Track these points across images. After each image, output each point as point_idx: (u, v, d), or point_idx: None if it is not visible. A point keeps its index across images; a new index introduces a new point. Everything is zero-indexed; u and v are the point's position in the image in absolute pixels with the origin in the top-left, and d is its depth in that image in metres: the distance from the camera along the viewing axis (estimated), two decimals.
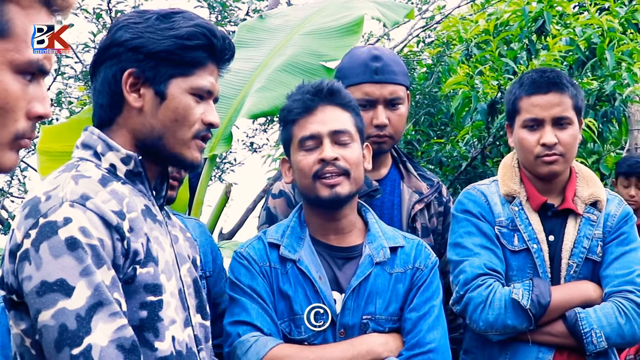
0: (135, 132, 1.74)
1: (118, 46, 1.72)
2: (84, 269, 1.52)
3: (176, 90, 1.73)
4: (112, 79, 1.72)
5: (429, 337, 2.22)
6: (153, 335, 1.64)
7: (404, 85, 2.67)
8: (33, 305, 1.52)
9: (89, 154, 1.72)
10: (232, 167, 8.06)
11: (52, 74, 6.25)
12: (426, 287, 2.28)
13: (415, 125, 5.58)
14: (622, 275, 2.49)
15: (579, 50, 4.48)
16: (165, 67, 1.72)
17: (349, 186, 2.21)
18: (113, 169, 1.72)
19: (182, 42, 1.71)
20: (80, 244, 1.53)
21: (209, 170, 3.79)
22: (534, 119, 2.52)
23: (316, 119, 2.23)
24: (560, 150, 2.51)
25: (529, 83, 2.56)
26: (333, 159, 2.19)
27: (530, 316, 2.41)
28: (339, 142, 2.22)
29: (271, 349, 2.14)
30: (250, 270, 2.25)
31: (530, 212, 2.56)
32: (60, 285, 1.50)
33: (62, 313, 1.49)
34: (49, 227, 1.53)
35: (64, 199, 1.56)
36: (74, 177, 1.62)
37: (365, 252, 2.26)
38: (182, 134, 1.74)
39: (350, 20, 3.73)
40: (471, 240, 2.53)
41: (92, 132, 1.75)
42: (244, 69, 3.79)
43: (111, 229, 1.59)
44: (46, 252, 1.52)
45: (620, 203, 2.64)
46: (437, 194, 2.77)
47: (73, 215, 1.54)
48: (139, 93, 1.72)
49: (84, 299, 1.50)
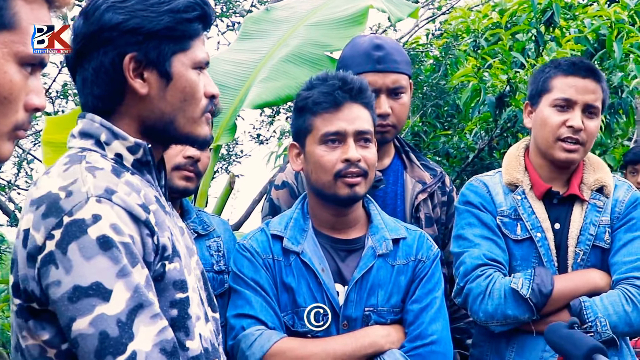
0: (142, 119, 1.63)
1: (110, 30, 1.58)
2: (121, 270, 1.42)
3: (180, 68, 1.62)
4: (109, 67, 1.58)
5: (431, 329, 2.23)
6: (184, 335, 1.55)
7: (407, 74, 2.66)
8: (65, 312, 1.40)
9: (91, 143, 1.60)
10: (239, 158, 8.06)
11: (58, 66, 6.25)
12: (428, 279, 2.28)
13: (422, 117, 5.57)
14: (630, 262, 2.45)
15: (587, 42, 4.45)
16: (166, 46, 1.60)
17: (365, 186, 2.23)
18: (119, 158, 1.60)
19: (180, 16, 1.60)
20: (114, 242, 1.42)
21: (213, 162, 3.78)
22: (567, 99, 2.48)
23: (343, 115, 2.21)
24: (584, 138, 2.48)
25: (567, 64, 2.53)
26: (357, 160, 2.19)
27: (531, 306, 2.38)
28: (362, 142, 2.22)
29: (275, 343, 2.15)
30: (253, 263, 2.24)
31: (534, 201, 2.53)
32: (97, 289, 1.40)
33: (101, 319, 1.39)
34: (76, 226, 1.42)
35: (89, 194, 1.45)
36: (89, 169, 1.51)
37: (368, 244, 2.26)
38: (191, 112, 1.64)
39: (356, 11, 3.73)
40: (472, 232, 2.52)
41: (93, 120, 1.61)
42: (248, 60, 3.79)
43: (140, 224, 1.49)
44: (76, 254, 1.40)
45: (629, 188, 2.60)
46: (440, 183, 2.76)
47: (102, 211, 1.44)
48: (142, 78, 1.60)
49: (123, 302, 1.40)
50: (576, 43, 4.41)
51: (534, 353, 2.45)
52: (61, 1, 1.38)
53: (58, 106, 6.83)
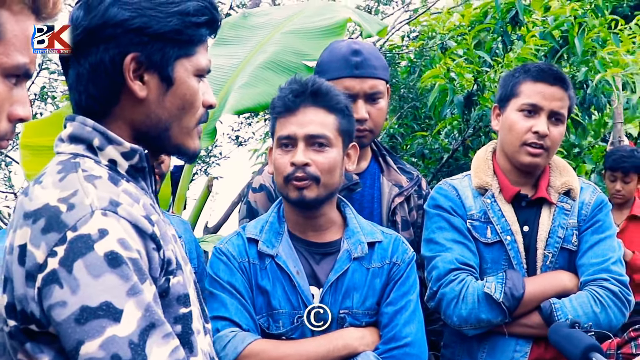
0: (136, 123, 1.53)
1: (114, 27, 1.47)
2: (131, 288, 1.33)
3: (183, 74, 1.53)
4: (109, 65, 1.48)
5: (405, 331, 2.23)
6: (189, 351, 1.47)
7: (384, 80, 2.67)
8: (72, 335, 1.31)
9: (82, 149, 1.50)
10: (218, 160, 8.06)
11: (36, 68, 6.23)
12: (403, 281, 2.29)
13: (399, 119, 5.60)
14: (597, 264, 2.50)
15: (552, 39, 4.50)
16: (171, 49, 1.51)
17: (316, 191, 2.20)
18: (113, 165, 1.50)
19: (189, 20, 1.51)
20: (122, 258, 1.33)
21: (191, 165, 3.81)
22: (534, 105, 2.52)
23: (296, 119, 2.21)
24: (548, 144, 2.51)
25: (536, 70, 2.56)
26: (303, 164, 2.19)
27: (504, 309, 2.42)
28: (315, 146, 2.21)
29: (249, 344, 2.16)
30: (229, 266, 2.26)
31: (504, 204, 2.56)
32: (107, 310, 1.30)
33: (112, 342, 1.29)
34: (81, 241, 1.32)
35: (93, 206, 1.36)
36: (88, 179, 1.41)
37: (344, 248, 2.27)
38: (187, 122, 1.56)
39: (334, 22, 3.79)
40: (443, 236, 2.54)
41: (85, 123, 1.51)
42: (226, 65, 3.82)
43: (146, 238, 1.41)
44: (82, 272, 1.31)
45: (594, 191, 2.64)
46: (416, 187, 2.78)
47: (108, 225, 1.35)
48: (142, 80, 1.50)
49: (134, 323, 1.32)
50: (542, 39, 4.47)
51: (505, 354, 2.49)
52: (49, 12, 1.36)
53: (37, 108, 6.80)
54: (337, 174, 2.25)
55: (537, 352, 2.49)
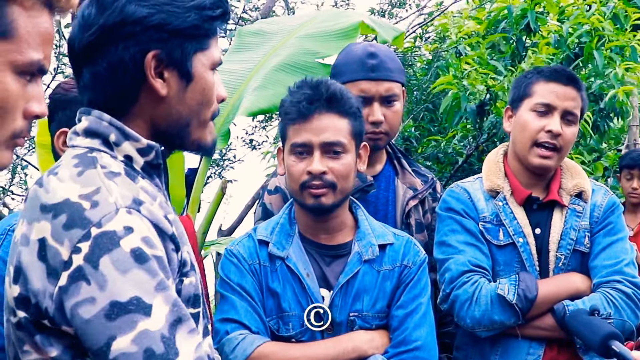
0: (157, 121, 1.52)
1: (134, 24, 1.45)
2: (159, 283, 1.34)
3: (201, 69, 1.52)
4: (129, 63, 1.46)
5: (415, 335, 2.22)
6: None
7: (400, 82, 2.68)
8: (103, 331, 1.30)
9: (98, 143, 1.48)
10: (232, 164, 8.08)
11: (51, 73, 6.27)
12: (414, 284, 2.28)
13: (414, 121, 5.59)
14: (610, 266, 2.50)
15: (567, 49, 4.48)
16: (189, 44, 1.49)
17: (333, 197, 2.20)
18: (129, 161, 1.49)
19: (207, 14, 1.50)
20: (148, 255, 1.34)
21: (205, 167, 3.83)
22: (547, 105, 2.52)
23: (311, 126, 2.18)
24: (561, 143, 2.51)
25: (550, 71, 2.57)
26: (321, 173, 2.18)
27: (517, 311, 2.41)
28: (330, 153, 2.19)
29: (258, 347, 2.16)
30: (239, 268, 2.25)
31: (515, 206, 2.56)
32: (137, 304, 1.30)
33: (145, 335, 1.30)
34: (107, 238, 1.32)
35: (118, 204, 1.36)
36: (108, 176, 1.41)
37: (354, 250, 2.26)
38: (204, 116, 1.55)
39: (348, 25, 3.78)
40: (455, 238, 2.54)
41: (101, 118, 1.49)
42: (240, 69, 3.84)
43: (166, 239, 1.42)
44: (109, 268, 1.31)
45: (606, 193, 2.64)
46: (431, 190, 2.78)
47: (133, 223, 1.35)
48: (163, 78, 1.49)
49: (163, 317, 1.32)
50: (556, 48, 4.45)
51: (518, 356, 2.49)
52: (62, 6, 1.33)
53: None
54: (352, 177, 2.25)
55: (550, 354, 2.49)
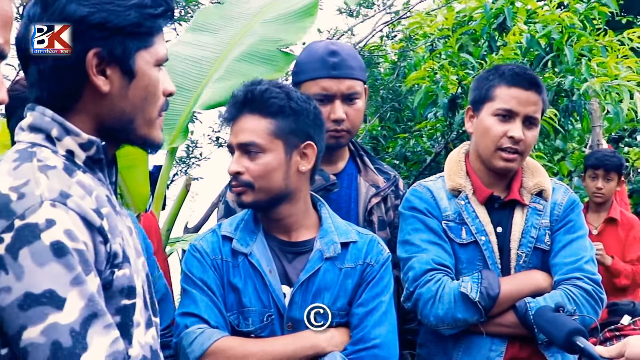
0: (100, 117, 1.54)
1: (75, 23, 1.48)
2: (75, 278, 1.35)
3: (144, 66, 1.55)
4: (72, 61, 1.49)
5: (375, 333, 2.22)
6: (127, 342, 1.48)
7: (362, 80, 2.69)
8: (15, 320, 1.33)
9: (41, 138, 1.51)
10: (198, 161, 8.03)
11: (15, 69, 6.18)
12: (376, 282, 2.28)
13: (381, 121, 5.60)
14: (570, 263, 2.52)
15: (539, 47, 4.52)
16: (131, 42, 1.52)
17: (253, 196, 2.22)
18: (71, 155, 1.52)
19: (147, 12, 1.53)
20: (68, 249, 1.36)
21: (169, 164, 3.80)
22: (508, 110, 2.52)
23: (234, 128, 2.25)
24: (522, 148, 2.53)
25: (511, 74, 2.55)
26: (235, 173, 2.22)
27: (480, 308, 2.43)
28: (249, 154, 2.22)
29: (215, 341, 2.16)
30: (202, 263, 2.26)
31: (477, 205, 2.58)
32: (50, 297, 1.32)
33: (53, 328, 1.32)
34: (28, 230, 1.34)
35: (43, 197, 1.38)
36: (42, 169, 1.43)
37: (316, 247, 2.27)
38: (150, 113, 1.59)
39: (307, 3, 3.74)
40: (418, 237, 2.55)
41: (44, 113, 1.52)
42: (202, 60, 3.78)
43: (93, 231, 1.43)
44: (28, 260, 1.33)
45: (566, 191, 2.67)
46: (393, 187, 2.80)
47: (56, 216, 1.37)
48: (105, 75, 1.51)
49: (77, 312, 1.34)
50: (528, 47, 4.49)
51: (481, 353, 2.50)
52: None
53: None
54: (275, 177, 2.22)
55: (512, 351, 2.51)
